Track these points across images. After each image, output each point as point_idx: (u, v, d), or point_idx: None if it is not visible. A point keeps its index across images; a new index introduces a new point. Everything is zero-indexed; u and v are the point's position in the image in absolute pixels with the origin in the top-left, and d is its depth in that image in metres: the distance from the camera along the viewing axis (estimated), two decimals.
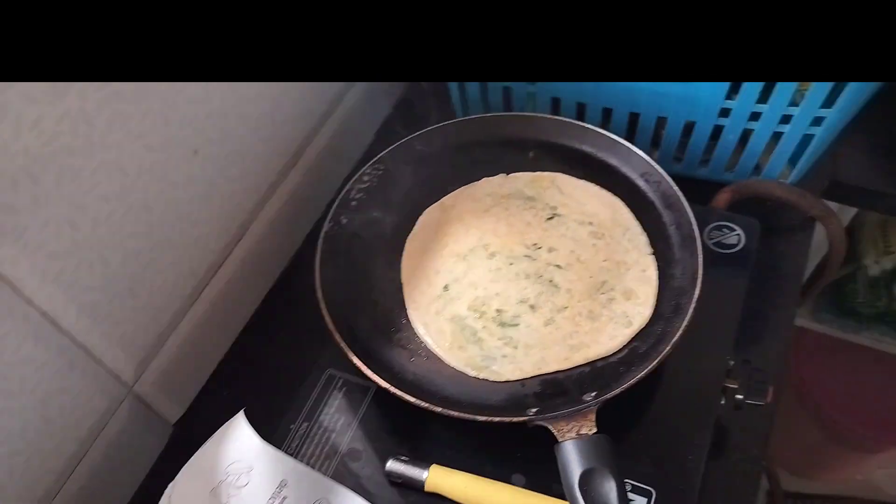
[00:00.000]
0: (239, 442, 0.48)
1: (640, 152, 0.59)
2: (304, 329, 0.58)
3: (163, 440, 0.64)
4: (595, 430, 0.47)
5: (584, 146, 0.62)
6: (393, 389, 0.50)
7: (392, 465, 0.52)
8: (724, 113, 0.64)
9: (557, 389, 0.51)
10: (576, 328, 0.53)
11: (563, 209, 0.59)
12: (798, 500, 1.48)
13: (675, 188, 0.57)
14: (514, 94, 0.70)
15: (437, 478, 0.51)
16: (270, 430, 0.57)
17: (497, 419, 0.48)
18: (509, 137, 0.63)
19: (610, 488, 0.44)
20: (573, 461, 0.45)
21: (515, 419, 0.48)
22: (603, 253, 0.56)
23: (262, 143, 0.64)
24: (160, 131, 0.52)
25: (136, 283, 0.55)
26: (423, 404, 0.49)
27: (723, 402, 0.58)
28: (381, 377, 0.50)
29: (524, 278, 0.55)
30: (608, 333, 0.52)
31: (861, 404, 1.21)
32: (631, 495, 0.51)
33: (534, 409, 0.49)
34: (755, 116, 0.64)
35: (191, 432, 0.56)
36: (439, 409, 0.49)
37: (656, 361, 0.48)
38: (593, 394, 0.49)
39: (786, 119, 0.63)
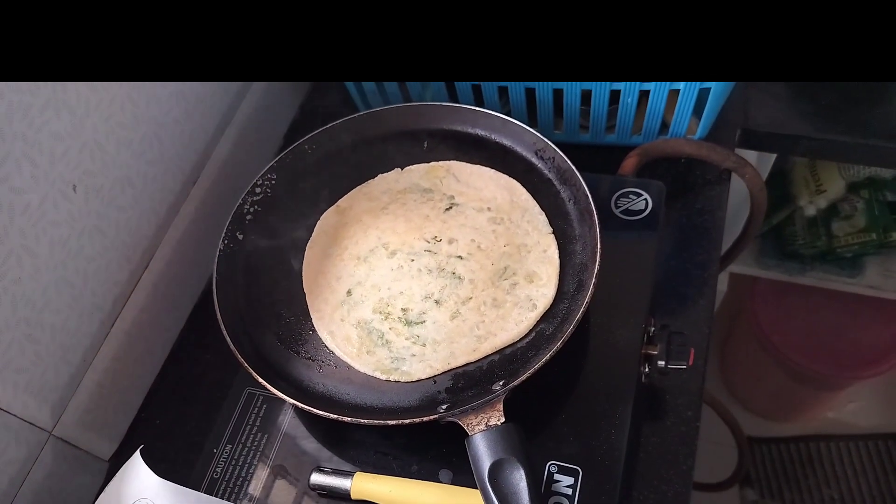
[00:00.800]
0: (138, 480, 0.47)
1: (531, 129, 0.58)
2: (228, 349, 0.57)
3: (99, 477, 0.63)
4: (503, 419, 0.46)
5: (477, 129, 0.61)
6: (301, 405, 0.49)
7: (315, 477, 0.52)
8: None
9: (468, 382, 0.51)
10: (481, 318, 0.52)
11: (461, 198, 0.58)
12: (774, 444, 1.51)
13: (569, 162, 0.56)
14: (408, 83, 0.69)
15: (362, 485, 0.51)
16: (197, 455, 0.56)
17: (407, 421, 0.47)
18: (402, 130, 0.62)
19: (519, 477, 0.44)
20: (482, 454, 0.45)
21: (424, 419, 0.47)
22: (503, 238, 0.55)
23: (151, 166, 0.62)
24: (27, 173, 0.50)
25: (33, 327, 0.54)
26: (332, 416, 0.48)
27: (647, 369, 0.58)
28: (288, 393, 0.49)
29: (427, 273, 0.54)
30: (514, 319, 0.51)
31: (819, 343, 1.22)
32: (558, 476, 0.51)
33: (444, 406, 0.48)
34: None
35: None
36: (349, 419, 0.48)
37: (560, 342, 0.48)
38: (501, 383, 0.48)
39: None
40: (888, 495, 1.44)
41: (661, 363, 0.57)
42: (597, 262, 0.50)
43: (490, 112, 0.60)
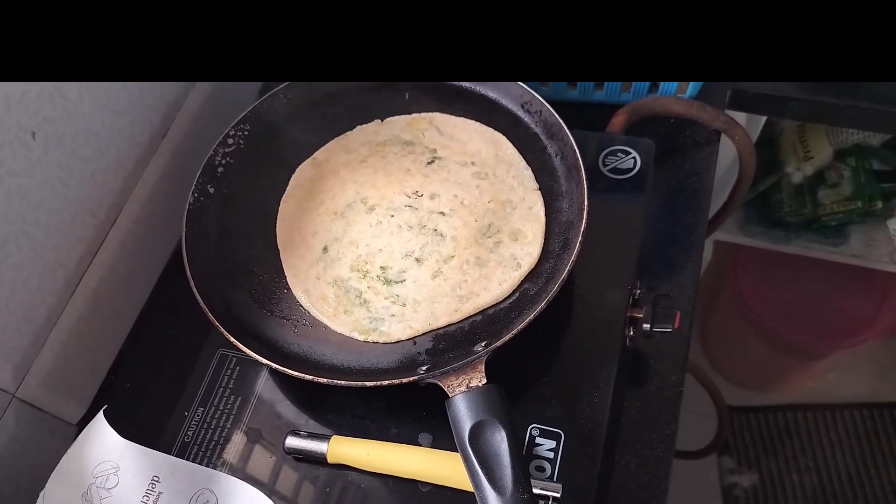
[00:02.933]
0: (101, 442, 0.45)
1: (516, 83, 0.55)
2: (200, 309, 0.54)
3: (67, 442, 0.60)
4: (485, 381, 0.44)
5: (462, 82, 0.58)
6: (274, 365, 0.47)
7: (291, 441, 0.50)
8: None
9: (450, 343, 0.49)
10: (464, 277, 0.50)
11: (444, 151, 0.56)
12: (752, 413, 1.52)
13: (556, 116, 0.53)
14: None
15: (339, 449, 0.49)
16: (168, 419, 0.54)
17: (386, 383, 0.45)
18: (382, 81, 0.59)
19: (501, 439, 0.42)
20: (462, 416, 0.43)
21: (403, 380, 0.45)
22: (487, 194, 0.53)
23: (117, 116, 0.59)
24: None
25: None
26: (307, 377, 0.46)
27: (631, 332, 0.57)
28: (260, 354, 0.47)
29: (407, 230, 0.52)
30: (497, 279, 0.50)
31: (801, 313, 1.23)
32: (539, 440, 0.50)
33: (424, 368, 0.46)
34: None
35: None
36: (324, 381, 0.46)
37: (544, 302, 0.46)
38: (483, 343, 0.47)
39: None
40: (861, 464, 1.46)
41: (647, 326, 0.56)
42: (583, 220, 0.49)
43: None
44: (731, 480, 1.47)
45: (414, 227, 0.52)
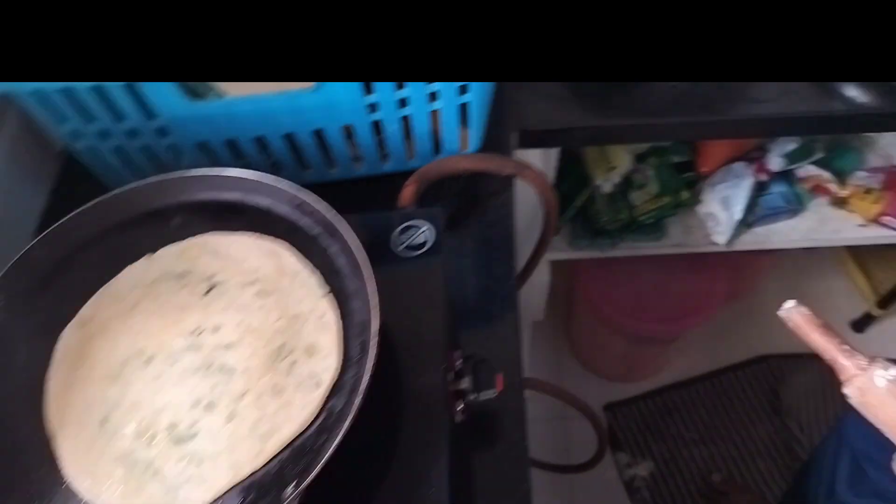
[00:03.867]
0: None
1: (286, 185, 0.52)
2: None
3: None
4: None
5: (231, 194, 0.54)
6: None
7: None
8: (374, 108, 0.60)
9: (260, 492, 0.44)
10: (262, 412, 0.46)
11: (222, 275, 0.52)
12: (633, 404, 1.58)
13: (330, 214, 0.51)
14: (156, 151, 0.62)
15: None
16: None
17: None
18: (146, 210, 0.54)
19: None
20: None
21: None
22: (275, 312, 0.50)
23: None
24: None
25: None
26: None
27: (462, 405, 0.55)
28: None
29: (192, 375, 0.47)
30: (298, 404, 0.46)
31: (645, 305, 1.28)
32: None
33: None
34: (404, 102, 0.60)
35: None
36: None
37: (348, 421, 0.43)
38: (293, 484, 0.43)
39: (434, 96, 0.60)
40: (739, 423, 1.55)
41: (472, 397, 0.54)
42: (375, 319, 0.46)
43: (238, 174, 0.53)
44: (629, 474, 1.51)
45: (199, 370, 0.47)
